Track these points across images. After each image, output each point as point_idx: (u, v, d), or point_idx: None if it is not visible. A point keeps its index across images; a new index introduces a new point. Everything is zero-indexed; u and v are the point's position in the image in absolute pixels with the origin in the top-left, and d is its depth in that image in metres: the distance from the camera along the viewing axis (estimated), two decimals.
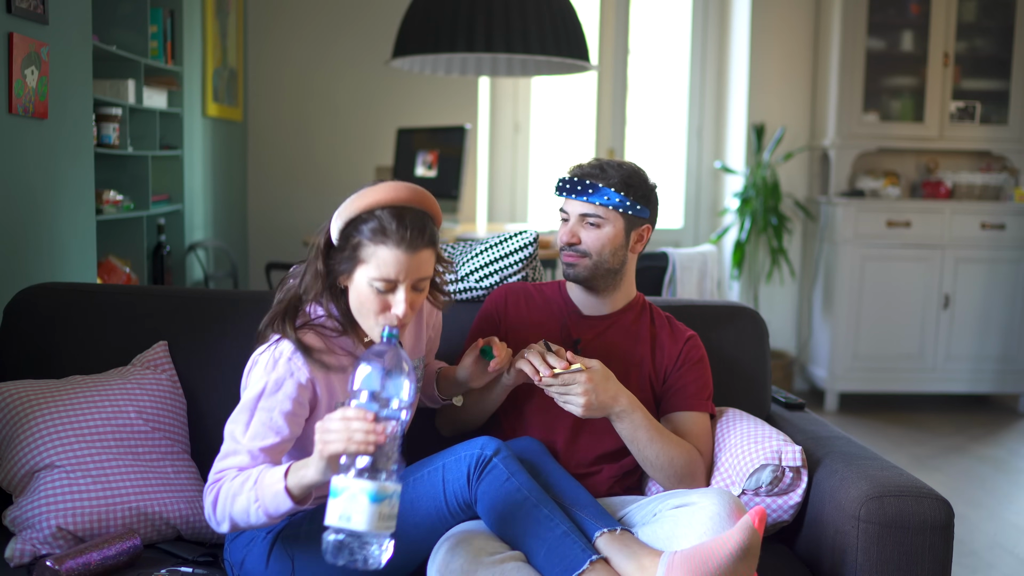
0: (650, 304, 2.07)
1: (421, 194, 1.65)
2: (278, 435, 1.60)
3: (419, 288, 1.63)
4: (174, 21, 3.86)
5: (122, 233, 3.51)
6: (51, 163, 2.59)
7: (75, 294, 2.15)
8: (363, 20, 5.11)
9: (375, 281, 1.59)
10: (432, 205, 1.66)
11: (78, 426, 1.85)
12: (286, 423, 1.60)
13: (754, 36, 5.18)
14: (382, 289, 1.60)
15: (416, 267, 1.60)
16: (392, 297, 1.61)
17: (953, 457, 4.20)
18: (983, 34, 5.03)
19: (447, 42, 3.74)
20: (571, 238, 1.94)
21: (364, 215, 1.60)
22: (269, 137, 5.17)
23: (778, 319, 5.34)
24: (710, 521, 1.59)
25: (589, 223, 1.93)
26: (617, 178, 1.92)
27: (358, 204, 1.61)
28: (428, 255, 1.63)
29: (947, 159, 5.16)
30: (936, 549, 1.71)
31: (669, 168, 5.70)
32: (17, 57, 2.32)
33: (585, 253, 1.93)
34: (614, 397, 1.81)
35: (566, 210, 1.98)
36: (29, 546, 1.74)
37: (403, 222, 1.58)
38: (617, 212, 1.93)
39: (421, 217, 1.61)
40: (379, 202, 1.61)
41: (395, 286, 1.60)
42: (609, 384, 1.80)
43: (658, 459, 1.85)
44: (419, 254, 1.60)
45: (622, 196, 1.91)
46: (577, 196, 1.93)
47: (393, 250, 1.58)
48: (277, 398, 1.60)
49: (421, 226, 1.60)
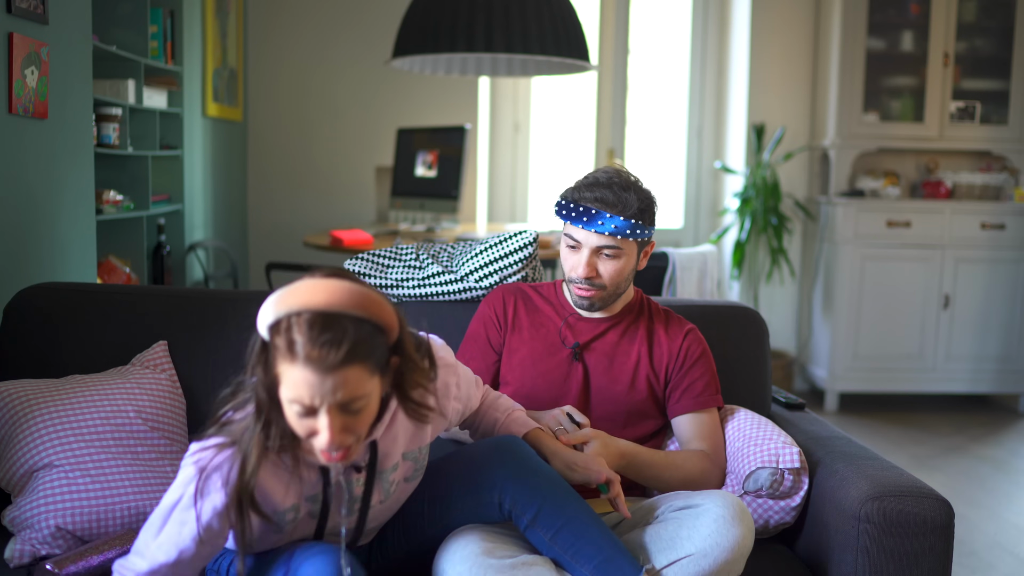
0: (648, 300, 2.07)
1: (358, 297, 1.36)
2: (181, 555, 1.43)
3: (352, 410, 1.36)
4: (174, 21, 3.86)
5: (122, 233, 3.52)
6: (51, 163, 2.59)
7: (75, 294, 2.15)
8: (363, 20, 5.11)
9: (291, 403, 1.36)
10: (375, 309, 1.37)
11: (77, 426, 1.85)
12: (193, 544, 1.43)
13: (754, 36, 5.18)
14: (301, 413, 1.36)
15: (335, 389, 1.33)
16: (316, 422, 1.36)
17: (953, 457, 4.19)
18: (983, 34, 5.03)
19: (447, 42, 3.74)
20: (590, 272, 1.88)
21: (280, 321, 1.35)
22: (269, 137, 5.17)
23: (778, 319, 5.34)
24: (714, 523, 1.59)
25: (606, 254, 1.89)
26: (635, 206, 1.86)
27: (277, 307, 1.36)
28: (354, 374, 1.34)
29: (947, 159, 5.16)
30: (936, 549, 1.70)
31: (669, 168, 5.70)
32: (17, 57, 2.32)
33: (602, 287, 1.91)
34: (619, 454, 1.83)
35: (577, 239, 1.89)
36: (28, 546, 1.73)
37: (315, 336, 1.31)
38: (632, 241, 1.90)
39: (344, 328, 1.33)
40: (299, 306, 1.34)
41: (314, 411, 1.35)
42: (609, 448, 1.81)
43: (670, 484, 1.88)
44: (338, 374, 1.32)
45: (637, 223, 1.86)
46: (596, 228, 1.85)
47: (301, 370, 1.32)
48: (190, 515, 1.42)
49: (339, 340, 1.32)
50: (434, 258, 2.26)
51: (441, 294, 2.20)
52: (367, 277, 2.23)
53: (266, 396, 1.39)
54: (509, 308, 2.03)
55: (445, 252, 2.30)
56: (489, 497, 1.61)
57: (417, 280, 2.20)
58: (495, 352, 2.02)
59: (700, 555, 1.57)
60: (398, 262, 2.26)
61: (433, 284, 2.19)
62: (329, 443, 1.36)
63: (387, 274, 2.23)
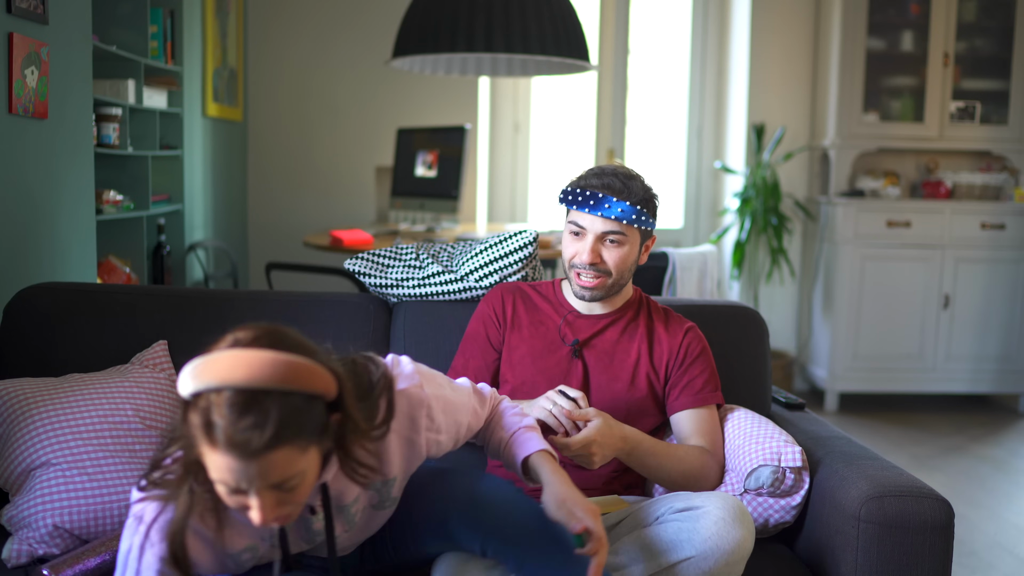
0: (647, 298, 2.07)
1: (283, 369, 1.22)
2: None
3: (286, 488, 1.25)
4: (174, 21, 3.86)
5: (122, 233, 3.51)
6: (51, 163, 2.59)
7: (75, 294, 2.15)
8: (363, 20, 5.11)
9: (217, 483, 1.25)
10: (304, 378, 1.24)
11: (75, 424, 1.84)
12: None
13: (754, 36, 5.18)
14: (229, 492, 1.25)
15: (263, 474, 1.21)
16: (246, 499, 1.25)
17: (953, 457, 4.19)
18: (983, 34, 5.03)
19: (447, 42, 3.74)
20: (594, 258, 1.89)
21: (199, 397, 1.22)
22: (269, 137, 5.17)
23: (778, 319, 5.34)
24: (714, 526, 1.59)
25: (611, 240, 1.89)
26: (641, 193, 1.87)
27: (196, 379, 1.22)
28: (283, 456, 1.21)
29: (947, 159, 5.16)
30: (936, 549, 1.70)
31: (669, 168, 5.70)
32: (17, 57, 2.32)
33: (607, 273, 1.91)
34: (621, 439, 1.81)
35: (582, 225, 1.90)
36: (26, 546, 1.73)
37: (235, 420, 1.18)
38: (636, 228, 1.90)
39: (267, 409, 1.19)
40: (217, 382, 1.20)
41: (243, 491, 1.24)
42: (612, 431, 1.79)
43: (670, 476, 1.87)
44: (264, 459, 1.20)
45: (642, 211, 1.87)
46: (603, 212, 1.85)
47: (223, 456, 1.20)
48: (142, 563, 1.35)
49: (262, 423, 1.19)
50: (434, 258, 2.26)
51: (441, 294, 2.20)
52: (367, 277, 2.23)
53: (193, 464, 1.28)
54: (508, 306, 2.04)
55: (445, 252, 2.30)
56: (443, 530, 1.53)
57: (417, 280, 2.20)
58: (495, 350, 2.02)
59: (701, 557, 1.57)
60: (398, 262, 2.26)
61: (433, 284, 2.19)
62: (263, 520, 1.25)
63: (387, 274, 2.23)
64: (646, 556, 1.61)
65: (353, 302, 2.21)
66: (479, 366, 2.02)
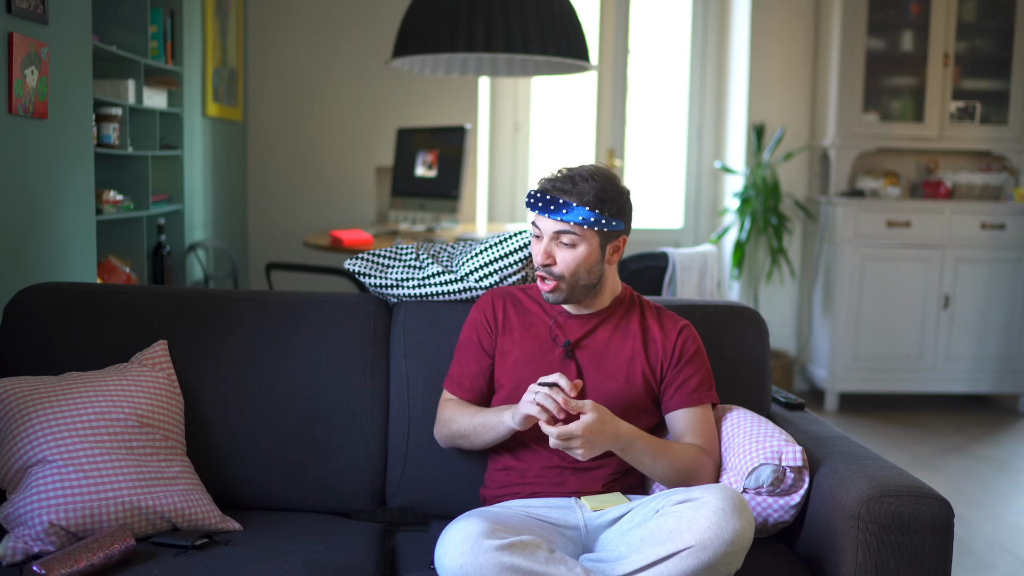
0: (639, 296, 2.07)
1: None
2: None
3: None
4: (174, 21, 3.86)
5: (122, 233, 3.52)
6: (51, 163, 2.59)
7: (75, 294, 2.16)
8: (363, 20, 5.11)
9: None
10: None
11: (71, 421, 1.84)
12: None
13: (754, 36, 5.18)
14: None
15: None
16: None
17: (953, 457, 4.20)
18: (983, 34, 5.03)
19: (447, 42, 3.74)
20: (546, 259, 1.90)
21: None
22: (269, 137, 5.17)
23: (778, 319, 5.34)
24: (714, 516, 1.59)
25: (563, 242, 1.90)
26: (591, 194, 1.86)
27: None
28: None
29: (947, 159, 5.16)
30: (936, 549, 1.70)
31: (669, 168, 5.70)
32: (17, 57, 2.32)
33: (560, 276, 1.91)
34: (614, 436, 1.81)
35: (539, 226, 1.92)
36: (21, 543, 1.72)
37: None
38: (590, 230, 1.89)
39: None
40: None
41: None
42: (606, 427, 1.79)
43: (665, 473, 1.88)
44: None
45: (596, 213, 1.87)
46: (550, 214, 1.87)
47: None
48: None
49: None
50: (434, 258, 2.26)
51: (441, 294, 2.20)
52: (367, 277, 2.24)
53: None
54: (499, 311, 2.04)
55: (445, 252, 2.30)
56: None
57: (417, 280, 2.20)
58: (488, 356, 2.02)
59: (700, 547, 1.58)
60: (398, 262, 2.26)
61: (433, 284, 2.19)
62: None
63: (387, 274, 2.23)
64: (646, 546, 1.62)
65: (353, 302, 2.21)
66: (474, 373, 2.02)
